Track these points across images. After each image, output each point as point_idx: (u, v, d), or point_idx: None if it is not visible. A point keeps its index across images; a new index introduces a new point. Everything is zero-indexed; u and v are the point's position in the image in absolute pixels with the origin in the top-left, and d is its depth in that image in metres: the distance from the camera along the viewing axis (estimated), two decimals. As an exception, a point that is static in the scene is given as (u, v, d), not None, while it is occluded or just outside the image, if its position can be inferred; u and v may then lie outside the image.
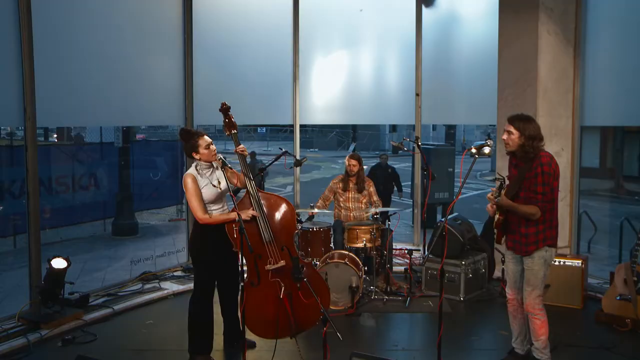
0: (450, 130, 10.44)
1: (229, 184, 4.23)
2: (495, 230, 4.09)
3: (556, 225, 4.00)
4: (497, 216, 4.01)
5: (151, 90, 6.45)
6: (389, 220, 6.00)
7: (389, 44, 7.83)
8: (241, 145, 4.31)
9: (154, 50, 6.52)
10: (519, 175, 3.95)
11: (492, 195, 3.86)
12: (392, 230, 6.12)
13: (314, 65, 7.74)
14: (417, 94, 7.58)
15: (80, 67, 5.61)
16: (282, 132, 34.94)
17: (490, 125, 28.18)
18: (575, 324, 5.17)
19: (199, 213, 4.10)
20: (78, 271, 6.92)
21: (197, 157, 4.20)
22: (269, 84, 7.47)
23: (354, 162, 6.46)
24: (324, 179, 19.55)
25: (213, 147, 4.21)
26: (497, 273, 6.25)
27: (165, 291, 6.04)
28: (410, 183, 11.57)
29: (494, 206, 4.00)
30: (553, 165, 3.87)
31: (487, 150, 3.90)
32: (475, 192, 17.66)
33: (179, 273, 6.68)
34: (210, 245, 4.22)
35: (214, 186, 4.19)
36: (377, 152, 37.09)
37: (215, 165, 4.31)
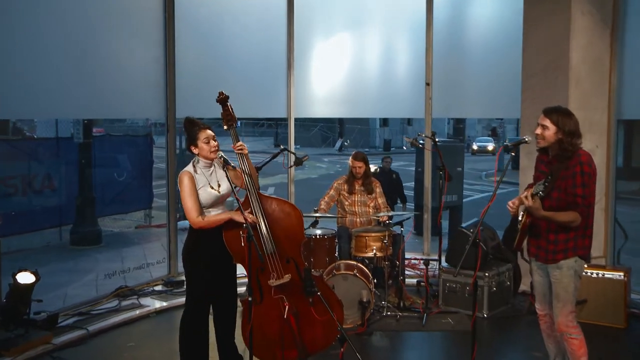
0: (459, 124, 10.60)
1: (233, 186, 4.21)
2: (515, 236, 4.06)
3: (590, 234, 3.95)
4: (523, 217, 3.98)
5: (125, 78, 6.39)
6: (402, 226, 6.05)
7: (397, 25, 7.88)
8: (240, 142, 4.31)
9: (129, 33, 6.45)
10: (547, 175, 3.93)
11: (529, 194, 3.76)
12: (404, 238, 6.17)
13: (313, 50, 7.75)
14: (427, 84, 7.63)
15: (41, 52, 5.53)
16: (258, 126, 34.95)
17: (497, 119, 28.63)
18: (620, 345, 5.16)
19: (192, 215, 4.06)
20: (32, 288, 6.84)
21: (195, 151, 4.18)
22: (260, 72, 7.47)
23: (359, 164, 6.49)
24: (309, 180, 19.57)
25: (214, 142, 4.18)
26: (522, 286, 6.31)
27: (146, 308, 5.98)
28: (412, 184, 11.65)
29: (517, 205, 3.95)
30: (593, 165, 3.87)
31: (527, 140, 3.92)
32: (480, 195, 17.87)
33: (159, 287, 6.63)
34: (207, 256, 4.20)
35: (213, 188, 4.17)
36: (366, 150, 37.39)
37: (216, 165, 4.30)
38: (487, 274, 5.74)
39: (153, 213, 11.92)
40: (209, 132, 4.20)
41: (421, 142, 6.76)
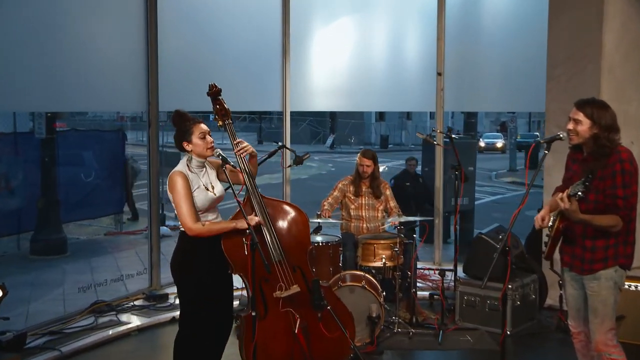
0: (470, 118, 10.62)
1: (233, 187, 4.20)
2: (546, 242, 4.05)
3: (633, 241, 3.93)
4: (555, 222, 3.94)
5: (98, 66, 6.35)
6: (415, 233, 6.08)
7: (405, 9, 7.94)
8: (239, 141, 4.29)
9: (104, 14, 6.42)
10: (586, 173, 3.91)
11: (565, 195, 3.71)
12: (417, 245, 6.20)
13: (311, 36, 7.79)
14: (438, 74, 7.67)
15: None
16: (240, 120, 34.87)
17: (508, 113, 28.73)
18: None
19: (188, 221, 4.02)
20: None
21: (188, 147, 4.14)
22: (252, 59, 7.48)
23: (367, 161, 6.50)
24: (299, 181, 19.59)
25: (210, 138, 4.17)
26: (549, 300, 6.34)
27: (127, 326, 5.95)
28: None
29: (548, 218, 3.93)
30: (635, 163, 3.84)
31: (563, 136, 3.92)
32: (492, 197, 17.99)
33: (140, 302, 6.61)
34: (203, 265, 4.18)
35: (208, 190, 4.14)
36: (360, 147, 37.37)
37: (207, 165, 4.27)
38: (510, 286, 5.78)
39: (125, 218, 11.92)
40: (204, 126, 4.18)
41: (438, 137, 6.78)
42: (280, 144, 6.06)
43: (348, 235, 6.40)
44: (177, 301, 6.44)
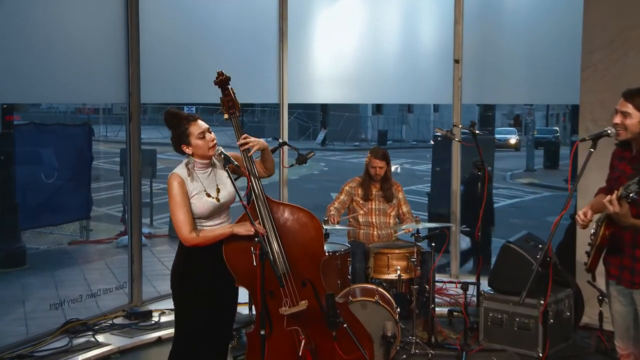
0: (487, 111, 10.60)
1: (236, 191, 4.25)
2: (588, 252, 4.09)
3: None
4: (600, 229, 3.98)
5: (66, 49, 6.36)
6: (433, 242, 6.14)
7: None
8: (245, 136, 4.34)
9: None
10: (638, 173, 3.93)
11: (614, 197, 3.71)
12: (437, 256, 6.26)
13: (313, 18, 7.88)
14: (456, 61, 7.76)
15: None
16: (218, 112, 34.87)
17: (525, 105, 28.84)
18: None
19: (183, 230, 4.11)
20: None
21: (188, 150, 4.20)
22: (244, 44, 7.55)
23: (380, 163, 6.55)
24: (288, 182, 19.62)
25: (211, 135, 4.22)
26: (585, 318, 6.38)
27: (106, 347, 5.98)
28: (422, 187, 11.73)
29: (590, 216, 3.95)
30: None
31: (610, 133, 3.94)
32: (509, 201, 18.13)
33: (120, 320, 6.65)
34: (205, 277, 4.24)
35: (210, 196, 4.20)
36: (356, 144, 37.54)
37: (217, 163, 4.34)
38: (542, 302, 5.84)
39: (92, 225, 11.89)
40: (202, 123, 4.24)
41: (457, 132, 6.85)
42: (280, 140, 6.11)
43: (357, 244, 6.45)
44: (167, 317, 6.62)
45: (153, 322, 6.60)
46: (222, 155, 4.19)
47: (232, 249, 4.17)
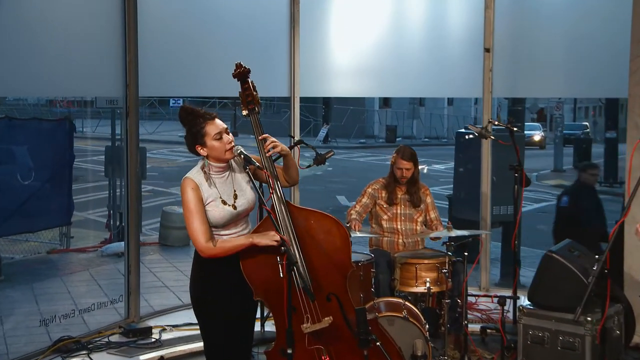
0: (517, 105, 10.65)
1: (258, 194, 4.33)
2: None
3: None
4: None
5: (57, 40, 6.44)
6: (466, 251, 6.21)
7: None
8: (266, 136, 4.40)
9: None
10: None
11: None
12: (470, 266, 6.33)
13: (329, 2, 7.96)
14: (486, 49, 7.85)
15: None
16: (207, 105, 34.89)
17: (555, 99, 28.87)
18: None
19: (198, 240, 4.19)
20: None
21: (203, 152, 4.28)
22: (251, 31, 7.61)
23: (407, 164, 6.59)
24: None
25: (228, 137, 4.28)
26: (637, 338, 6.43)
27: (106, 368, 6.07)
28: (439, 190, 11.77)
29: None
30: None
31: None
32: (535, 205, 18.20)
33: (116, 338, 6.71)
34: (219, 290, 4.33)
35: (226, 204, 4.28)
36: (361, 141, 37.59)
37: (234, 166, 4.41)
38: (589, 319, 5.84)
39: (72, 231, 11.91)
40: (220, 123, 4.30)
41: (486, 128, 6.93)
42: (296, 138, 6.17)
43: (380, 253, 6.50)
44: (169, 334, 6.78)
45: (153, 339, 6.67)
46: (242, 156, 4.26)
47: (250, 260, 4.26)
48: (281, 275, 4.11)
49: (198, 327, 4.54)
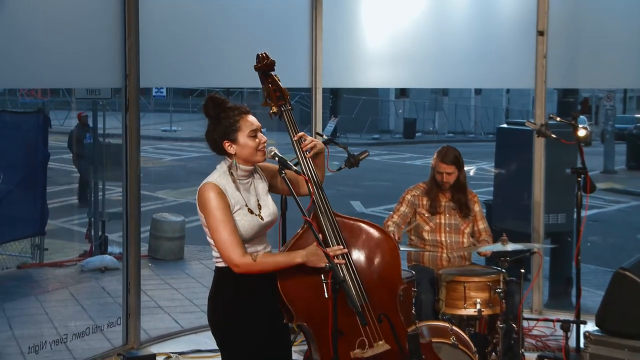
0: (568, 97, 10.64)
1: (298, 203, 4.36)
2: None
3: None
4: None
5: (49, 26, 6.53)
6: (523, 268, 6.27)
7: None
8: (302, 134, 4.51)
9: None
10: None
11: None
12: (528, 285, 6.38)
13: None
14: (540, 33, 7.92)
15: None
16: (195, 95, 34.93)
17: (604, 90, 28.71)
18: None
19: (233, 253, 4.19)
20: None
21: (230, 149, 4.31)
22: (266, 15, 7.72)
23: (449, 167, 6.62)
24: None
25: (263, 137, 4.34)
26: None
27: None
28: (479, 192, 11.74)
29: None
30: None
31: None
32: (584, 213, 18.15)
33: (114, 367, 6.82)
34: (249, 316, 4.36)
35: (252, 213, 4.32)
36: (375, 137, 37.35)
37: (257, 174, 4.48)
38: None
39: (47, 243, 11.92)
40: (254, 120, 4.35)
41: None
42: (325, 136, 6.20)
43: (422, 270, 6.54)
44: None
45: (152, 372, 6.75)
46: (277, 158, 4.31)
47: (290, 281, 4.29)
48: (326, 296, 4.17)
49: (209, 355, 4.56)
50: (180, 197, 18.11)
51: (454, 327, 5.89)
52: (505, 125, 11.40)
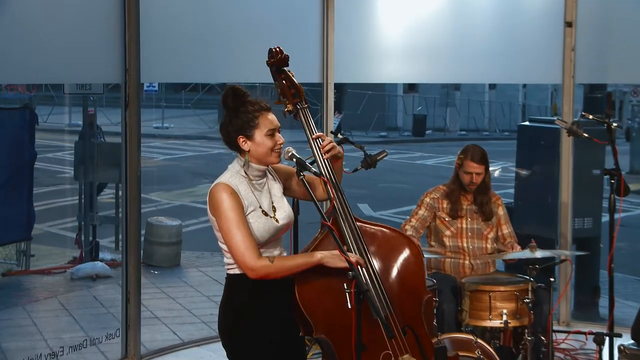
0: (595, 92, 10.64)
1: (317, 206, 4.37)
2: None
3: None
4: None
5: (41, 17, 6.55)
6: (553, 277, 6.29)
7: None
8: (320, 134, 4.53)
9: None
10: None
11: None
12: (559, 295, 6.41)
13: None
14: (568, 24, 7.94)
15: None
16: (187, 90, 34.91)
17: (635, 86, 28.67)
18: None
19: (248, 256, 4.20)
20: None
21: (245, 146, 4.34)
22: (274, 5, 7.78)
23: (478, 167, 6.63)
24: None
25: (280, 138, 4.37)
26: None
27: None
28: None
29: None
30: None
31: None
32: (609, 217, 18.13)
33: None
34: (264, 326, 4.39)
35: (267, 215, 4.36)
36: (382, 134, 37.30)
37: (271, 175, 4.51)
38: None
39: (33, 249, 11.92)
40: (274, 118, 4.38)
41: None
42: (341, 135, 6.23)
43: (443, 278, 6.55)
44: None
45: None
46: (295, 159, 4.35)
47: (309, 288, 4.31)
48: (349, 307, 4.19)
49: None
50: (175, 199, 18.13)
51: (479, 340, 5.89)
52: (527, 123, 11.37)
